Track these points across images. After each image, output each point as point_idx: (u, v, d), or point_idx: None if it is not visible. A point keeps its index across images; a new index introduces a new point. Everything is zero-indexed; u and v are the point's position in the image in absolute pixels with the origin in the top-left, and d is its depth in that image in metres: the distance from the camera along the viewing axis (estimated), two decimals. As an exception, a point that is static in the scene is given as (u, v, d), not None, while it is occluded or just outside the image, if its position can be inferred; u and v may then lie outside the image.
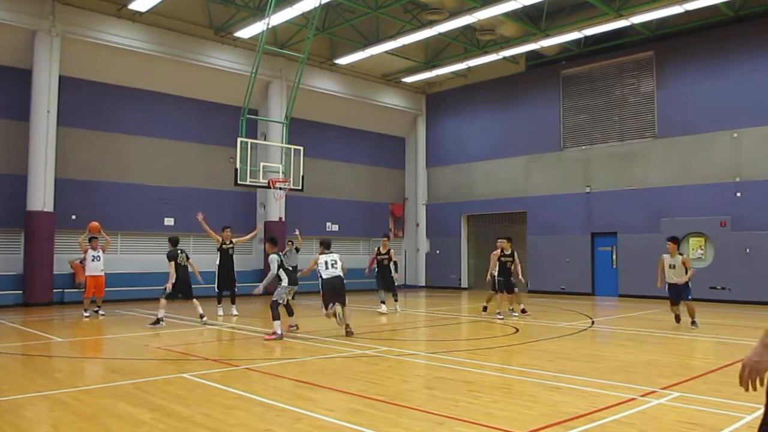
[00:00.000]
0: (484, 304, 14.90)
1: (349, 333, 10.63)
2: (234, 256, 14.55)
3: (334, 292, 10.63)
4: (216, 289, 14.31)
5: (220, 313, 14.23)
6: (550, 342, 10.34)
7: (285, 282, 10.85)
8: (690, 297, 11.93)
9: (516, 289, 14.16)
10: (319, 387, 6.64)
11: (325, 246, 11.26)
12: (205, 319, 12.49)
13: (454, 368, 7.91)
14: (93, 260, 14.00)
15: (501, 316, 13.47)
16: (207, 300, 14.42)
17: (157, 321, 12.04)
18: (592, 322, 13.29)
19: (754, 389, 2.46)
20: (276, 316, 10.42)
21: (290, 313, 11.73)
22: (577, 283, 21.29)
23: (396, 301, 15.72)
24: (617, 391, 6.43)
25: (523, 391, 6.48)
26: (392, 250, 15.84)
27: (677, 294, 11.92)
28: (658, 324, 12.76)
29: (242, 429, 5.04)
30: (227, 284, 14.35)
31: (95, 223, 14.39)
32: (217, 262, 14.31)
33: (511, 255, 13.96)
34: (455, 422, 5.21)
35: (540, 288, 21.84)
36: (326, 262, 10.76)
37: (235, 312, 14.34)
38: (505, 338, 10.72)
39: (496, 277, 13.94)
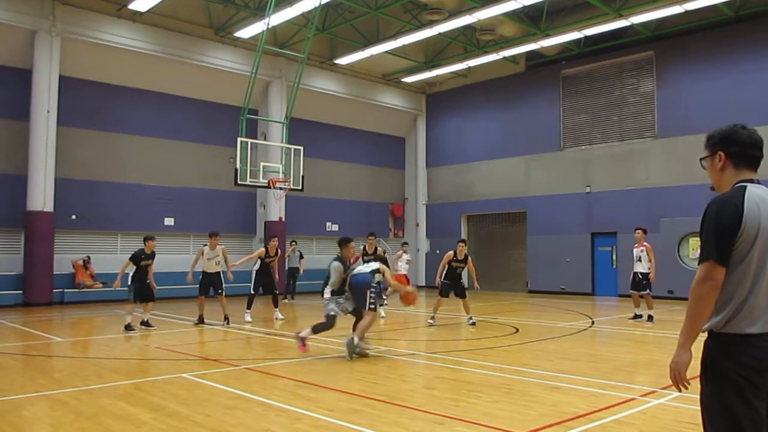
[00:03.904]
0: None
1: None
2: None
3: None
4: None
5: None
6: (550, 342, 10.34)
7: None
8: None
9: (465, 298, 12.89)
10: (319, 387, 6.64)
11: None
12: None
13: (454, 368, 7.92)
14: None
15: (433, 321, 12.50)
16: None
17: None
18: (592, 322, 13.29)
19: (685, 387, 2.66)
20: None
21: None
22: (577, 283, 21.27)
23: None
24: (617, 391, 6.43)
25: (523, 391, 6.48)
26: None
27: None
28: (658, 324, 12.76)
29: (242, 429, 5.05)
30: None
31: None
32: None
33: (464, 260, 12.91)
34: (455, 422, 5.21)
35: (540, 288, 21.82)
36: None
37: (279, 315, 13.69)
38: (505, 338, 10.72)
39: (442, 281, 12.90)
